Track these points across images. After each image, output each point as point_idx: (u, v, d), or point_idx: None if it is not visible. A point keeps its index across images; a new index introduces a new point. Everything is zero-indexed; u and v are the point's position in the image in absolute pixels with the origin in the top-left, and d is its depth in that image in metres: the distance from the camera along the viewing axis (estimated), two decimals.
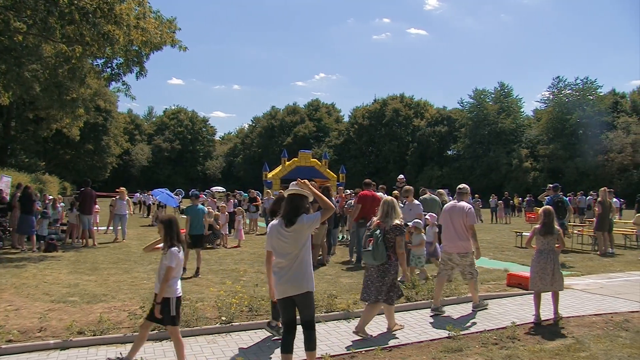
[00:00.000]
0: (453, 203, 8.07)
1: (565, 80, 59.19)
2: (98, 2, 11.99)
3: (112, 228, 16.81)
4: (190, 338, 6.31)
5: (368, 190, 12.25)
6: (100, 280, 9.77)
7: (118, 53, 13.91)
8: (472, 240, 7.73)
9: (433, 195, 13.50)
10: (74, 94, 20.00)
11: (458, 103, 71.43)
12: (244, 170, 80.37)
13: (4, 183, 17.77)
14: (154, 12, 14.03)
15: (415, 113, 72.13)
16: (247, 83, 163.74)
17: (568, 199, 17.12)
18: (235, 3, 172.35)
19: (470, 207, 7.90)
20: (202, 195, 21.84)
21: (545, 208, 7.59)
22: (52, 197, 19.59)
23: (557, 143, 55.73)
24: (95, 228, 16.81)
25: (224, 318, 6.83)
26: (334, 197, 15.72)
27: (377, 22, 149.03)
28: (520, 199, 37.19)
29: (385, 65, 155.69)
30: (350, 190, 18.55)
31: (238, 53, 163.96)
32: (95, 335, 6.14)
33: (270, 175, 33.01)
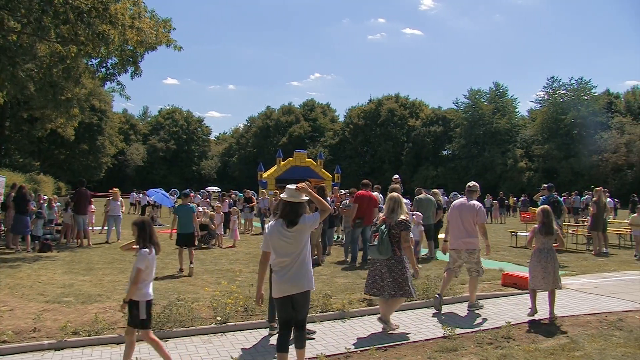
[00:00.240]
0: (462, 201, 8.20)
1: (560, 81, 59.60)
2: (93, 1, 11.93)
3: (107, 228, 16.72)
4: (186, 338, 6.30)
5: (365, 191, 12.24)
6: (95, 281, 9.74)
7: (113, 53, 13.86)
8: (483, 238, 7.95)
9: (428, 195, 13.56)
10: (69, 94, 19.90)
11: (453, 103, 71.78)
12: (239, 170, 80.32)
13: None
14: (149, 11, 13.97)
15: (411, 113, 72.30)
16: (242, 83, 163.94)
17: (563, 199, 17.17)
18: (231, 3, 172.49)
19: (481, 205, 8.08)
20: (193, 195, 21.77)
21: (544, 208, 7.62)
22: (46, 197, 19.53)
23: (551, 143, 55.94)
24: (91, 228, 16.73)
25: (219, 318, 6.81)
26: (329, 197, 15.71)
27: (372, 22, 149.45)
28: (515, 199, 37.26)
29: (381, 65, 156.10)
30: (345, 190, 18.55)
31: (233, 53, 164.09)
32: (90, 336, 6.12)
33: (266, 175, 33.01)
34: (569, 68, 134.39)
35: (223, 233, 16.84)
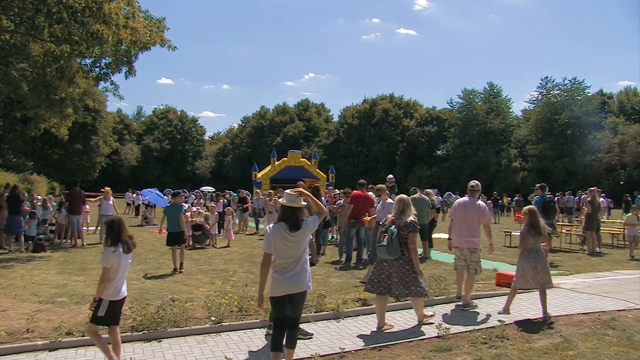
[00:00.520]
0: (466, 200, 8.34)
1: (554, 81, 59.70)
2: (87, 1, 11.89)
3: (100, 228, 16.66)
4: (180, 338, 6.30)
5: (361, 191, 12.21)
6: (89, 281, 9.70)
7: (107, 52, 13.81)
8: (488, 237, 8.24)
9: (423, 195, 13.58)
10: (63, 94, 19.79)
11: (447, 103, 71.74)
12: (234, 170, 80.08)
13: None
14: (143, 11, 13.93)
15: (405, 113, 72.25)
16: (236, 83, 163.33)
17: (557, 199, 17.25)
18: (225, 3, 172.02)
19: (486, 205, 8.31)
20: (184, 195, 21.70)
21: (531, 208, 7.68)
22: (40, 197, 19.46)
23: (545, 143, 56.11)
24: (85, 228, 16.68)
25: (214, 318, 6.81)
26: (324, 197, 15.71)
27: (366, 22, 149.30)
28: (510, 199, 37.39)
29: (375, 65, 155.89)
30: (340, 190, 18.54)
31: (227, 53, 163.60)
32: (84, 336, 6.08)
33: (260, 175, 32.94)
34: (563, 68, 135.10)
35: (217, 233, 16.81)
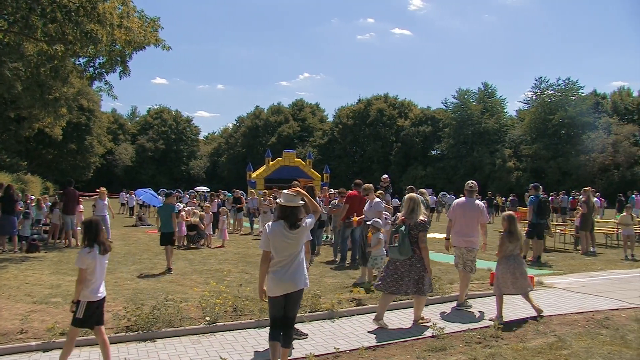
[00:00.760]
0: (464, 200, 8.46)
1: (548, 81, 59.75)
2: (81, 0, 11.85)
3: None
4: (174, 338, 6.29)
5: (357, 191, 12.18)
6: None
7: (101, 52, 13.76)
8: (483, 237, 8.43)
9: (418, 195, 13.57)
10: (57, 93, 19.73)
11: (442, 103, 71.74)
12: (228, 170, 79.93)
13: None
14: (138, 11, 13.88)
15: (400, 113, 72.30)
16: (231, 83, 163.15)
17: (551, 199, 17.31)
18: (220, 3, 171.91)
19: (484, 205, 8.51)
20: (176, 195, 21.67)
21: (509, 214, 7.72)
22: (34, 197, 19.39)
23: (539, 143, 56.21)
24: (79, 228, 16.62)
25: (208, 318, 6.80)
26: (318, 196, 15.71)
27: (361, 22, 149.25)
28: (504, 199, 37.43)
29: (370, 65, 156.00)
30: (335, 190, 18.53)
31: (222, 53, 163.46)
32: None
33: (255, 175, 32.96)
34: (557, 68, 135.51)
35: (212, 233, 16.80)
